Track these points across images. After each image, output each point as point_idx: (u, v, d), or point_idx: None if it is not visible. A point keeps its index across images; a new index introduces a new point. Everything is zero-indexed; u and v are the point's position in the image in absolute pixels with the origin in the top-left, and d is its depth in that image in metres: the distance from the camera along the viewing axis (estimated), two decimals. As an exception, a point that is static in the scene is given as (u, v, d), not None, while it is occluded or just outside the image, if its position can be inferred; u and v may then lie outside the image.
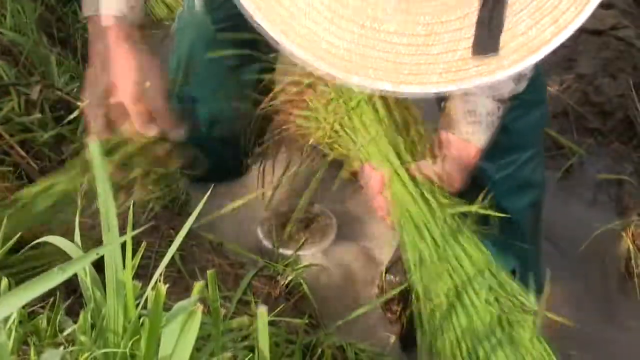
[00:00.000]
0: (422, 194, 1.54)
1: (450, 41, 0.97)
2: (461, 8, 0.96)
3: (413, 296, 1.55)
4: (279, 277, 1.73)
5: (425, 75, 0.98)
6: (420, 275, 1.53)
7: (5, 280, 1.10)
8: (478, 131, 1.60)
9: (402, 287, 1.83)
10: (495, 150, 1.79)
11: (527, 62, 0.99)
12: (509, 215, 1.77)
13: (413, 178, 1.54)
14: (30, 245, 1.29)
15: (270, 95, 1.72)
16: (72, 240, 1.17)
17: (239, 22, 1.88)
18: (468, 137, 1.59)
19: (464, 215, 1.58)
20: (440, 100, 1.67)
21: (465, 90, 1.61)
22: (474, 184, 1.87)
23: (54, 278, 0.78)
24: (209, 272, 1.15)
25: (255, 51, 2.00)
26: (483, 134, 1.60)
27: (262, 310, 1.11)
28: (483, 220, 1.69)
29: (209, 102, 2.05)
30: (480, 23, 0.96)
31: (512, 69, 0.99)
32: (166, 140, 1.67)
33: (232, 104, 2.04)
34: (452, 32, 0.97)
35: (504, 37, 0.97)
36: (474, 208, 1.57)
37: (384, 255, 1.94)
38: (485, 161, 1.80)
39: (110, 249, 1.03)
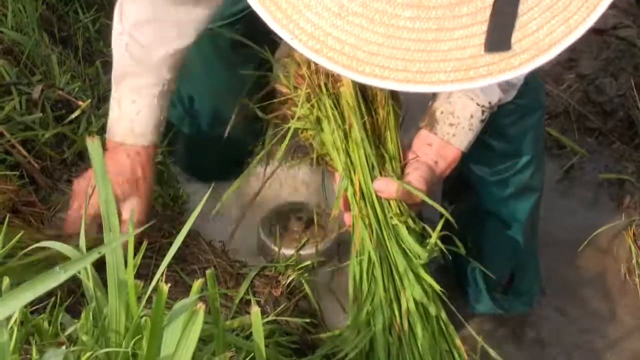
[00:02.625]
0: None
1: (460, 37, 0.95)
2: (473, 2, 0.95)
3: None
4: (280, 277, 1.73)
5: (435, 73, 0.96)
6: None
7: (6, 280, 1.10)
8: (459, 133, 1.60)
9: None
10: (492, 155, 1.79)
11: (538, 62, 0.97)
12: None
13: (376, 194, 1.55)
14: (29, 248, 1.29)
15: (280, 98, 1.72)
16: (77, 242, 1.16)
17: (235, 20, 1.90)
18: (449, 139, 1.60)
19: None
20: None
21: (451, 93, 1.61)
22: (467, 187, 1.88)
23: (56, 277, 0.78)
24: (208, 271, 1.15)
25: (252, 49, 2.01)
26: (464, 136, 1.60)
27: (256, 311, 1.12)
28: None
29: (208, 101, 2.05)
30: (494, 17, 0.94)
31: (523, 69, 0.98)
32: None
33: (232, 102, 2.04)
34: (463, 28, 0.95)
35: (514, 36, 0.96)
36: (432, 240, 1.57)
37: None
38: (482, 166, 1.81)
39: (111, 249, 1.03)
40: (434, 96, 1.63)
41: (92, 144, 1.12)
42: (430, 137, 1.61)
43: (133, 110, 1.62)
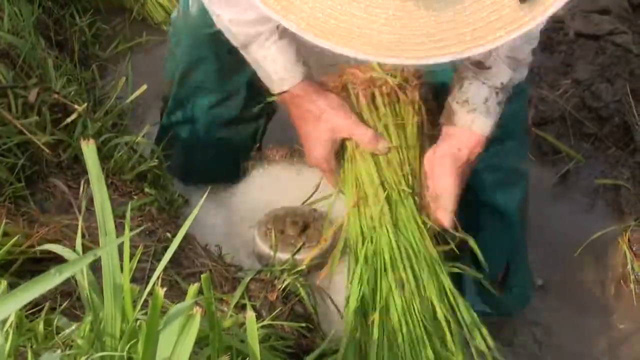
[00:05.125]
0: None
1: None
2: None
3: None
4: (275, 281, 1.72)
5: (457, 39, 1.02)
6: None
7: (4, 283, 1.10)
8: (477, 118, 1.61)
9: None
10: None
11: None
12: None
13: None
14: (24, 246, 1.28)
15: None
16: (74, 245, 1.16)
17: None
18: (469, 126, 1.61)
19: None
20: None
21: (463, 75, 1.63)
22: None
23: (51, 280, 0.78)
24: (203, 275, 1.15)
25: None
26: (483, 121, 1.62)
27: (251, 316, 1.12)
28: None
29: (207, 104, 2.05)
30: None
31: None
32: None
33: (230, 106, 2.05)
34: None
35: None
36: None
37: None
38: None
39: (107, 252, 1.02)
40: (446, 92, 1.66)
41: (88, 147, 1.12)
42: (451, 129, 1.62)
43: (270, 64, 1.65)
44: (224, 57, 1.96)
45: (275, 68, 1.63)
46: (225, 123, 2.04)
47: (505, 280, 2.06)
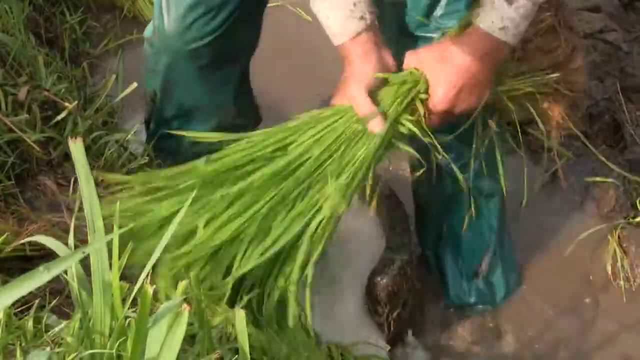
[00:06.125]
0: None
1: None
2: None
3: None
4: (266, 278, 1.72)
5: None
6: None
7: (-8, 281, 1.10)
8: (482, 11, 1.57)
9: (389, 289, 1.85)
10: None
11: None
12: None
13: None
14: (19, 242, 1.28)
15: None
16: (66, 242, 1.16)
17: (212, 40, 1.90)
18: (477, 23, 1.57)
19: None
20: None
21: None
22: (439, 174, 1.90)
23: (39, 277, 0.78)
24: (192, 272, 1.15)
25: (233, 65, 2.01)
26: (487, 12, 1.57)
27: (240, 313, 1.12)
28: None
29: (193, 120, 2.05)
30: None
31: None
32: None
33: (214, 120, 2.05)
34: None
35: None
36: None
37: (368, 259, 1.94)
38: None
39: (96, 249, 1.02)
40: None
41: (75, 146, 1.12)
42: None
43: (324, 19, 1.61)
44: (207, 72, 1.96)
45: (328, 23, 1.60)
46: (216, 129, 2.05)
47: (489, 270, 2.08)
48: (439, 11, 1.73)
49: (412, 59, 1.64)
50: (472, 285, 2.11)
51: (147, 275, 1.07)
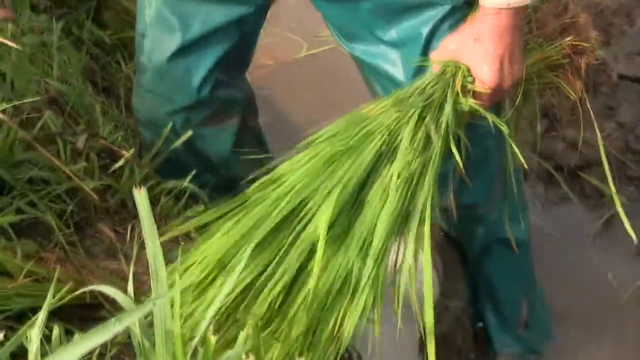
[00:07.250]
0: None
1: None
2: None
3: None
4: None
5: None
6: None
7: (56, 329, 1.11)
8: None
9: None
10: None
11: None
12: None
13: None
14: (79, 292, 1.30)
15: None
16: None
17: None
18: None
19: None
20: None
21: None
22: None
23: (111, 328, 0.79)
24: (250, 321, 1.15)
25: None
26: None
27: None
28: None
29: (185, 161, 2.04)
30: None
31: None
32: None
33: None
34: None
35: None
36: None
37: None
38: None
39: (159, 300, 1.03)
40: None
41: (140, 196, 1.14)
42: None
43: None
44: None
45: None
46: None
47: (528, 319, 2.08)
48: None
49: (441, 54, 1.61)
50: (516, 335, 2.10)
51: (210, 324, 1.07)
